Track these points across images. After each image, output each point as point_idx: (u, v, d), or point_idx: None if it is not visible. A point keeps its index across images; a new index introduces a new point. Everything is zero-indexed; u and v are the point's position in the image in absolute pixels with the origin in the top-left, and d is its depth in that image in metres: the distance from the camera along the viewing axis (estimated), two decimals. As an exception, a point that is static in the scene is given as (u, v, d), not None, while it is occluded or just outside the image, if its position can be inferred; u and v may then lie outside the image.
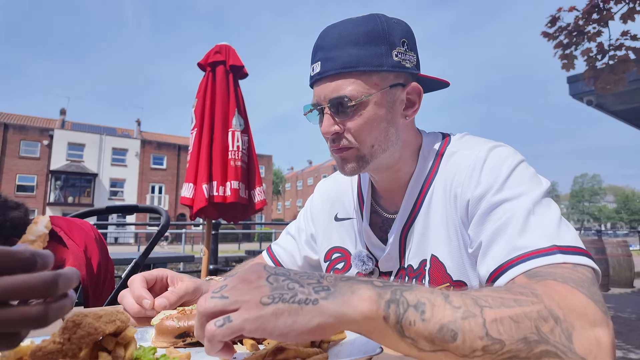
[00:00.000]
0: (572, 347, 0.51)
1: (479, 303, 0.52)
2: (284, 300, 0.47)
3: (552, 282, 0.60)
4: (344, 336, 0.60)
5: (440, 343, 0.49)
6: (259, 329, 0.46)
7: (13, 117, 37.15)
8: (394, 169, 0.92)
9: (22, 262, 0.37)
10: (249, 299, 0.47)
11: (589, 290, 0.59)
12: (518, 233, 0.69)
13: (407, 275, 0.90)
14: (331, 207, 1.09)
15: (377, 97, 0.83)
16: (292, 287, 0.49)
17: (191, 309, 0.69)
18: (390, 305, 0.49)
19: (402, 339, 0.49)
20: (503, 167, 0.78)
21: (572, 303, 0.55)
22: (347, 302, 0.48)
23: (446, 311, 0.50)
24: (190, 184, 3.38)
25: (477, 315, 0.50)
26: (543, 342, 0.50)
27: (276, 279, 0.50)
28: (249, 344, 0.59)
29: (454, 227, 0.83)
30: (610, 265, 8.14)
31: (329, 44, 0.84)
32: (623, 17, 4.04)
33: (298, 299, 0.47)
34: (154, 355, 0.50)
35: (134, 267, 1.86)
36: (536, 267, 0.64)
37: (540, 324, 0.51)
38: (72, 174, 33.75)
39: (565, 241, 0.67)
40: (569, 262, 0.64)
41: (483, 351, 0.49)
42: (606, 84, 4.18)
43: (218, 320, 0.47)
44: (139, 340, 0.64)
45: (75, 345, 0.42)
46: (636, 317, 5.65)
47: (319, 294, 0.48)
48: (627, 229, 69.40)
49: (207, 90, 3.50)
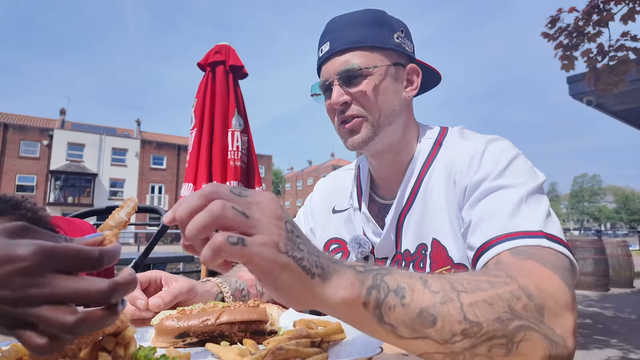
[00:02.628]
0: (544, 320, 0.56)
1: (456, 287, 0.53)
2: (294, 259, 0.45)
3: (533, 262, 0.63)
4: (344, 336, 0.60)
5: (419, 328, 0.49)
6: (264, 271, 0.44)
7: (13, 117, 37.14)
8: (395, 150, 0.96)
9: (91, 262, 0.38)
10: (269, 234, 0.44)
11: (564, 275, 0.63)
12: (509, 215, 0.73)
13: (404, 260, 0.93)
14: (329, 201, 1.12)
15: (383, 70, 0.90)
16: (301, 249, 0.46)
17: (191, 309, 0.69)
18: (371, 292, 0.48)
19: (380, 325, 0.49)
20: (502, 156, 0.82)
21: (546, 283, 0.59)
22: (330, 285, 0.47)
23: (425, 296, 0.50)
24: (190, 184, 3.38)
25: (455, 300, 0.51)
26: (516, 319, 0.53)
27: (291, 228, 0.47)
28: (249, 343, 0.59)
29: (454, 212, 0.86)
30: (610, 265, 8.14)
31: (337, 26, 0.92)
32: (623, 18, 4.03)
33: (303, 265, 0.45)
34: (153, 355, 0.50)
35: (133, 267, 1.86)
36: (522, 246, 0.68)
37: (513, 302, 0.54)
38: (72, 174, 33.73)
39: (552, 231, 0.71)
40: (553, 248, 0.68)
41: (462, 335, 0.50)
42: (606, 85, 4.17)
43: (232, 237, 0.42)
44: (139, 340, 0.64)
45: (75, 345, 0.41)
46: (636, 317, 5.65)
47: (317, 268, 0.46)
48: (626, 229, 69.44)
49: (207, 90, 3.50)
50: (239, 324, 0.64)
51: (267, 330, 0.65)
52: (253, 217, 0.44)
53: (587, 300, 7.10)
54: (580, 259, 8.05)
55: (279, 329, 0.68)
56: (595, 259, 7.90)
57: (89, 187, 34.58)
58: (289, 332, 0.58)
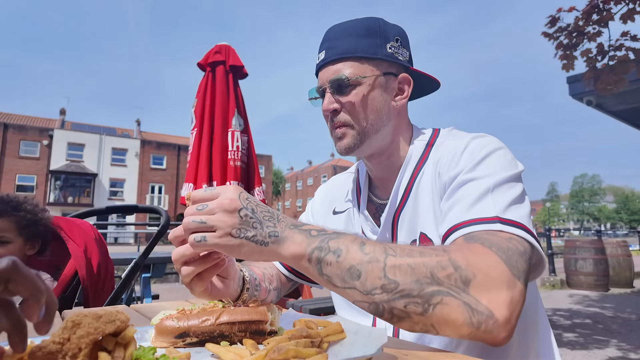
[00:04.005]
0: (468, 290, 0.62)
1: (387, 252, 0.64)
2: (247, 238, 0.64)
3: (477, 244, 0.68)
4: (343, 336, 0.60)
5: (348, 280, 0.63)
6: (227, 251, 0.65)
7: (13, 117, 37.15)
8: (386, 154, 1.00)
9: None
10: (223, 227, 0.63)
11: (509, 256, 0.67)
12: (470, 205, 0.77)
13: None
14: (329, 204, 1.16)
15: (372, 80, 0.94)
16: (255, 227, 0.65)
17: (191, 310, 0.69)
18: (314, 251, 0.65)
19: (320, 275, 0.65)
20: (481, 152, 0.85)
21: (481, 260, 0.65)
22: (284, 246, 0.65)
23: (357, 255, 0.64)
24: (190, 184, 3.38)
25: (380, 261, 0.63)
26: (435, 284, 0.62)
27: (246, 214, 0.65)
28: (249, 343, 0.59)
29: (437, 206, 0.89)
30: (610, 265, 8.14)
31: (333, 36, 0.97)
32: (623, 18, 4.03)
33: (256, 240, 0.65)
34: (153, 355, 0.50)
35: (133, 267, 1.86)
36: (475, 231, 0.72)
37: (436, 270, 0.62)
38: (71, 174, 33.75)
39: (511, 216, 0.73)
40: (506, 231, 0.71)
41: (381, 289, 0.62)
42: (606, 85, 4.17)
43: (197, 236, 0.64)
44: (139, 340, 0.64)
45: (75, 345, 0.41)
46: (636, 317, 5.65)
47: (270, 238, 0.65)
48: (626, 229, 69.41)
49: (207, 90, 3.50)
50: (239, 324, 0.64)
51: (267, 330, 0.65)
52: (210, 220, 0.64)
53: (587, 300, 7.10)
54: (580, 259, 8.05)
55: (279, 329, 0.68)
56: (595, 259, 7.90)
57: (89, 187, 34.59)
58: (289, 332, 0.58)
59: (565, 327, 5.21)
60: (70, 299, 1.58)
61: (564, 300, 7.15)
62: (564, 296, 7.53)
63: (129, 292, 3.65)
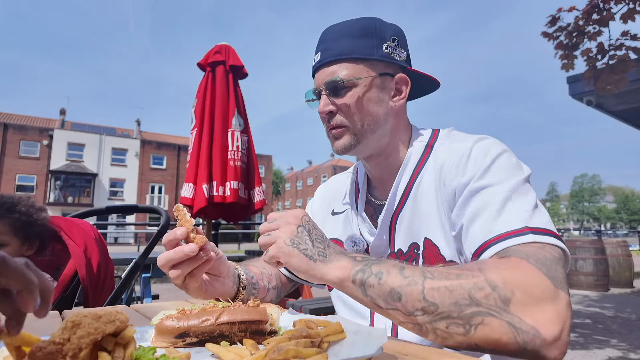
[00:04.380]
0: (508, 309, 0.61)
1: (425, 275, 0.66)
2: (299, 249, 0.72)
3: (514, 259, 0.68)
4: (343, 336, 0.60)
5: (390, 302, 0.66)
6: (279, 257, 0.73)
7: (13, 117, 37.15)
8: (384, 154, 0.99)
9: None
10: (281, 236, 0.74)
11: (548, 267, 0.65)
12: (494, 217, 0.75)
13: (398, 259, 0.94)
14: (328, 204, 1.16)
15: (367, 81, 0.93)
16: (307, 243, 0.73)
17: (191, 310, 0.69)
18: (358, 273, 0.69)
19: (364, 296, 0.69)
20: (487, 156, 0.84)
21: (520, 276, 0.64)
22: (330, 267, 0.71)
23: (396, 279, 0.67)
24: (190, 184, 3.38)
25: (419, 284, 0.65)
26: (474, 305, 0.62)
27: (302, 230, 0.75)
28: (249, 343, 0.59)
29: (445, 213, 0.88)
30: (610, 265, 8.14)
31: (328, 37, 0.96)
32: (623, 17, 4.04)
33: (306, 253, 0.72)
34: (153, 355, 0.50)
35: (133, 267, 1.86)
36: (508, 246, 0.70)
37: (474, 292, 0.63)
38: (71, 174, 33.74)
39: (538, 223, 0.72)
40: (539, 241, 0.70)
41: (422, 311, 0.64)
42: (606, 84, 4.17)
43: (265, 236, 0.77)
44: (139, 340, 0.64)
45: (75, 345, 0.41)
46: (636, 317, 5.65)
47: (319, 257, 0.72)
48: (626, 229, 69.43)
49: (207, 90, 3.50)
50: (239, 324, 0.64)
51: (267, 330, 0.65)
52: (273, 234, 0.75)
53: (587, 300, 7.10)
54: (580, 259, 8.05)
55: (279, 329, 0.68)
56: (595, 259, 7.90)
57: (88, 187, 34.58)
58: (289, 332, 0.58)
59: (565, 327, 5.19)
60: (70, 299, 1.58)
61: (564, 300, 7.13)
62: (564, 296, 7.51)
63: (129, 292, 3.65)
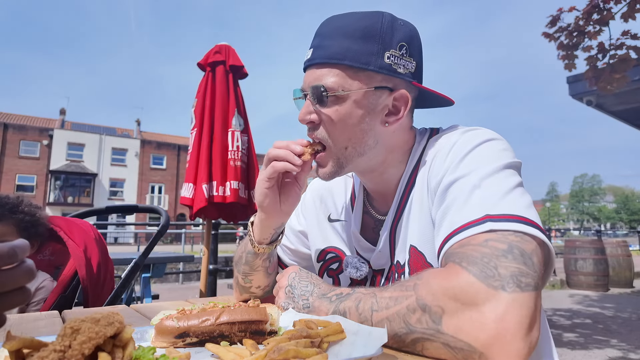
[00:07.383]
0: (440, 329, 0.60)
1: (372, 308, 0.68)
2: (291, 306, 0.81)
3: (449, 265, 0.65)
4: (343, 336, 0.60)
5: None
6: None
7: (13, 117, 37.11)
8: (378, 171, 0.90)
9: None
10: (279, 300, 0.84)
11: (484, 265, 0.60)
12: (460, 209, 0.70)
13: (396, 272, 0.90)
14: (323, 206, 1.08)
15: (358, 95, 0.81)
16: (294, 300, 0.81)
17: (191, 310, 0.69)
18: (334, 312, 0.73)
19: None
20: (466, 147, 0.76)
21: (448, 286, 0.61)
22: (316, 313, 0.76)
23: (354, 316, 0.70)
24: (190, 184, 3.37)
25: (368, 319, 0.68)
26: (411, 333, 0.63)
27: (289, 290, 0.84)
28: (249, 344, 0.59)
29: (429, 216, 0.81)
30: (610, 265, 8.14)
31: (325, 32, 0.83)
32: (624, 16, 4.03)
33: (297, 308, 0.80)
34: (153, 355, 0.50)
35: (133, 267, 1.86)
36: (459, 240, 0.66)
37: (408, 317, 0.63)
38: (71, 174, 33.74)
39: (501, 210, 0.66)
40: (497, 229, 0.64)
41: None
42: (607, 84, 4.17)
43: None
44: (139, 340, 0.64)
45: (77, 352, 0.41)
46: (636, 317, 5.65)
47: (305, 309, 0.79)
48: (626, 229, 69.35)
49: (207, 90, 3.49)
50: (238, 324, 0.64)
51: (267, 330, 0.65)
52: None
53: (587, 300, 7.10)
54: (580, 259, 8.05)
55: (279, 329, 0.68)
56: (595, 259, 7.89)
57: (88, 187, 34.58)
58: (289, 332, 0.58)
59: (565, 327, 5.20)
60: (70, 299, 1.58)
61: (564, 300, 7.14)
62: (564, 296, 7.53)
63: (129, 292, 3.65)
